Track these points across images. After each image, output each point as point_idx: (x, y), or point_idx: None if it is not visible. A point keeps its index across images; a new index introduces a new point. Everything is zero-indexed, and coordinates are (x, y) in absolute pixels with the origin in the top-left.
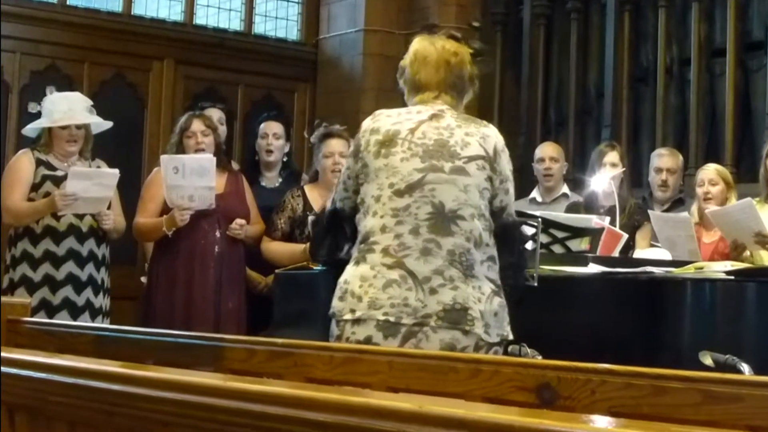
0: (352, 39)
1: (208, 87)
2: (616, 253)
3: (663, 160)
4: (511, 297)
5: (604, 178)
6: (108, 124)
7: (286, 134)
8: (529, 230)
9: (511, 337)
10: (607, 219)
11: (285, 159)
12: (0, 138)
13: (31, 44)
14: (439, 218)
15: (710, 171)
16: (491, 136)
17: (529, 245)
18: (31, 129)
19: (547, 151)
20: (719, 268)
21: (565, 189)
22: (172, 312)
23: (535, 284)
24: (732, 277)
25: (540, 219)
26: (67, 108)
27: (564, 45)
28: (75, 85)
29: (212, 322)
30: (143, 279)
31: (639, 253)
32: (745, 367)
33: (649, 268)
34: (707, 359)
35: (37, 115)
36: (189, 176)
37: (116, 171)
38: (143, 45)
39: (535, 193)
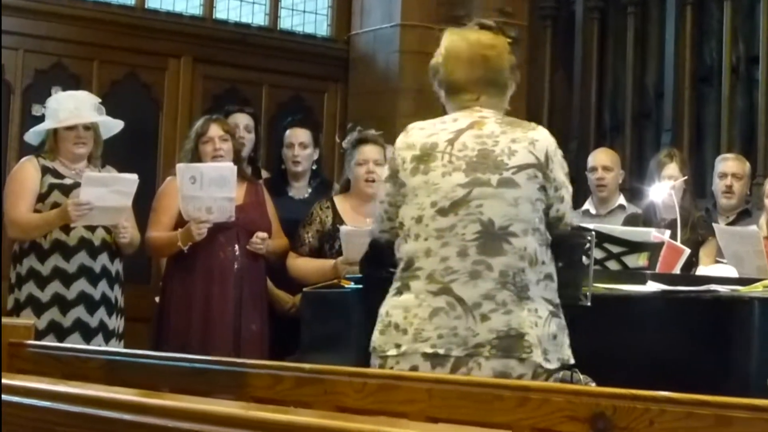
0: (387, 35)
1: (229, 88)
2: (677, 270)
3: (728, 164)
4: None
5: (665, 188)
6: (119, 125)
7: (315, 140)
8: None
9: (572, 361)
10: (668, 233)
11: (314, 167)
12: (0, 143)
13: (35, 41)
14: (488, 237)
15: None
16: (540, 139)
17: (583, 260)
18: (34, 133)
19: (599, 159)
20: None
21: (621, 200)
22: (188, 334)
23: (589, 304)
24: None
25: (594, 233)
26: (73, 106)
27: (620, 42)
28: (83, 85)
29: (232, 345)
30: (158, 299)
31: (702, 270)
32: None
33: (713, 287)
34: None
35: (41, 119)
36: (207, 186)
37: (134, 176)
38: (158, 41)
39: (588, 205)
